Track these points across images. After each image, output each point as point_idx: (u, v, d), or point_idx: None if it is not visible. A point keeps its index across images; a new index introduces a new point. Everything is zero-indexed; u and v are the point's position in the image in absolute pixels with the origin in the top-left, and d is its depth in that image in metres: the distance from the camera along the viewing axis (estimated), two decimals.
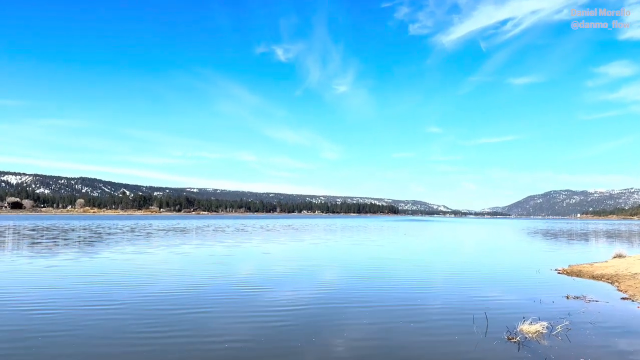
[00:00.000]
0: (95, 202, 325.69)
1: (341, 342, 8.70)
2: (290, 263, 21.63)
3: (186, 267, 19.01)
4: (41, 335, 8.53)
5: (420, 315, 11.10)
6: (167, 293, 12.88)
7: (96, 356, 7.39)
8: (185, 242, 34.73)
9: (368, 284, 15.63)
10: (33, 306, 10.98)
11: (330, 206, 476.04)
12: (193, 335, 8.79)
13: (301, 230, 60.88)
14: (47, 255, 23.71)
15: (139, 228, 61.56)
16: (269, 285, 14.92)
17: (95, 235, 42.47)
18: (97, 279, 15.30)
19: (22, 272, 16.92)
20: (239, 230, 57.81)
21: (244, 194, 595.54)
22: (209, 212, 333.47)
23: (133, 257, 23.06)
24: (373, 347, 8.47)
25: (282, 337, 8.90)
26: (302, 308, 11.51)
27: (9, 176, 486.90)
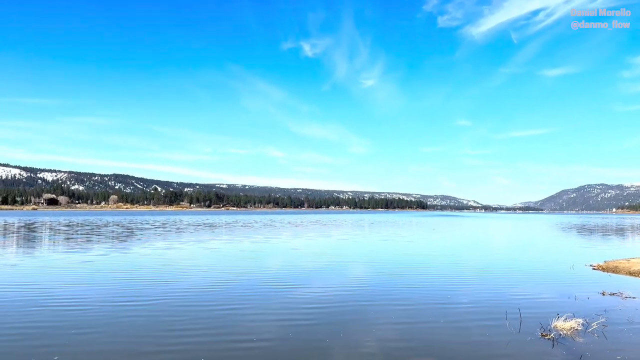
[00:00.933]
0: (128, 198, 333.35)
1: (370, 339, 8.62)
2: (319, 259, 21.64)
3: (215, 263, 19.23)
4: (71, 332, 8.70)
5: (451, 311, 10.93)
6: (197, 289, 12.98)
7: (125, 353, 7.47)
8: (214, 238, 35.18)
9: (397, 280, 15.49)
10: (64, 302, 11.20)
11: (358, 201, 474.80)
12: (222, 332, 8.86)
13: (329, 226, 60.91)
14: (80, 250, 24.36)
15: (169, 224, 62.69)
16: (297, 282, 14.94)
17: (127, 231, 43.45)
18: (127, 274, 15.56)
19: (56, 268, 17.39)
20: (267, 226, 58.24)
21: (272, 189, 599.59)
22: (237, 207, 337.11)
23: (163, 253, 23.48)
24: (402, 343, 8.36)
25: (310, 333, 8.87)
26: (330, 304, 11.47)
27: (45, 173, 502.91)
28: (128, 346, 7.84)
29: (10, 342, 8.03)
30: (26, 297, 11.69)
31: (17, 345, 7.84)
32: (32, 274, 15.66)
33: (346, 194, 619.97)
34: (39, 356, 7.28)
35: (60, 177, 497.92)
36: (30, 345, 7.86)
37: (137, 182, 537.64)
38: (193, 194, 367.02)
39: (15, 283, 13.83)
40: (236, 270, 16.85)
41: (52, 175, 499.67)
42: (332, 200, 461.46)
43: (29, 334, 8.47)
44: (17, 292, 12.35)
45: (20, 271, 16.47)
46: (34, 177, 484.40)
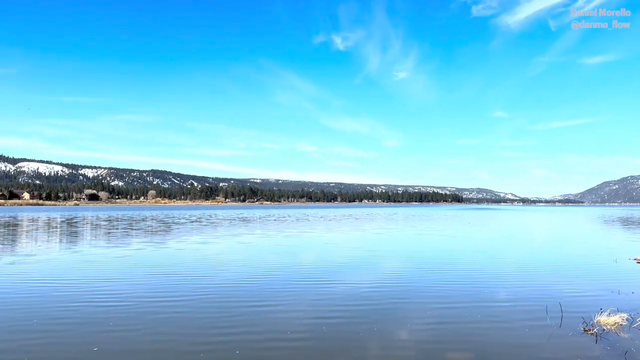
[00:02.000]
0: (165, 193, 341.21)
1: (405, 333, 8.52)
2: (353, 253, 21.58)
3: (250, 258, 19.40)
4: (108, 328, 8.91)
5: (488, 306, 10.68)
6: (231, 284, 13.06)
7: (161, 349, 7.56)
8: (248, 232, 35.58)
9: (432, 275, 15.27)
10: (102, 298, 11.43)
11: (391, 195, 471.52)
12: (256, 327, 8.91)
13: (362, 220, 60.71)
14: (118, 245, 25.05)
15: (205, 218, 63.81)
16: (331, 276, 14.92)
17: (164, 226, 44.46)
18: (162, 269, 15.75)
19: (94, 263, 17.89)
20: (301, 220, 58.51)
21: (305, 183, 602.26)
22: (271, 202, 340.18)
23: (199, 247, 23.88)
24: (438, 338, 8.23)
25: (344, 327, 8.83)
26: (364, 299, 11.40)
27: (86, 170, 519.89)
28: (159, 345, 7.97)
29: (48, 336, 8.31)
30: (65, 292, 12.07)
31: (55, 340, 8.11)
32: (70, 269, 16.18)
33: (379, 188, 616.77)
34: (78, 347, 7.52)
35: (100, 173, 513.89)
36: (68, 339, 8.11)
37: (174, 177, 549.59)
38: (228, 188, 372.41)
39: (54, 278, 14.30)
40: (270, 265, 16.96)
41: (93, 172, 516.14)
42: (365, 194, 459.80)
43: (67, 329, 8.74)
44: (55, 287, 12.76)
45: (58, 265, 17.05)
46: (75, 174, 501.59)
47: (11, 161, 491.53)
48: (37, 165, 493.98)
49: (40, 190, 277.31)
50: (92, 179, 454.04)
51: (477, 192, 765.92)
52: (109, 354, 7.20)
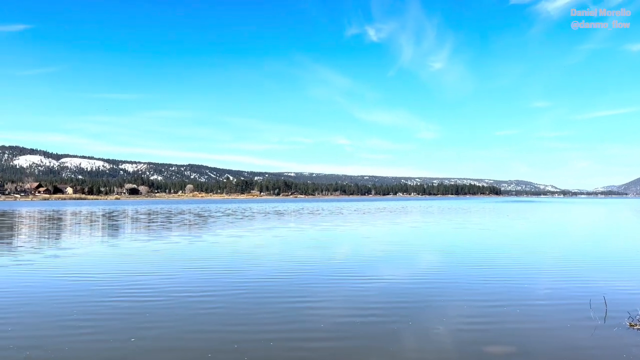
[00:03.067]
0: (202, 187, 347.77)
1: (441, 327, 8.33)
2: (388, 247, 21.39)
3: (284, 252, 19.47)
4: (141, 322, 9.05)
5: (528, 300, 10.37)
6: (265, 279, 13.01)
7: (193, 345, 7.58)
8: (283, 225, 35.79)
9: (469, 268, 14.93)
10: (135, 293, 11.61)
11: (426, 188, 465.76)
12: (291, 322, 8.89)
13: (397, 213, 60.18)
14: (155, 238, 25.61)
15: (240, 211, 64.60)
16: (365, 270, 14.80)
17: (201, 219, 45.24)
18: (198, 263, 15.85)
19: (130, 257, 18.32)
20: (335, 214, 58.48)
21: (339, 177, 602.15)
22: (305, 195, 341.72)
23: (234, 241, 24.16)
24: (476, 332, 8.02)
25: (379, 321, 8.72)
26: (399, 292, 11.23)
27: (126, 165, 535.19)
28: (198, 336, 8.06)
29: (88, 327, 8.53)
30: (103, 286, 12.38)
31: (94, 330, 8.31)
32: (109, 263, 16.61)
33: (414, 180, 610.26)
34: (116, 337, 7.70)
35: (140, 168, 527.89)
36: (107, 330, 8.30)
37: (210, 171, 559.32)
38: (263, 182, 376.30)
39: (93, 272, 14.66)
40: (304, 259, 16.95)
41: (133, 167, 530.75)
42: (399, 187, 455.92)
43: (105, 321, 8.95)
44: (93, 281, 13.09)
45: (97, 260, 17.58)
46: (116, 169, 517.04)
47: (55, 157, 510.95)
48: (80, 161, 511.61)
49: (83, 185, 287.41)
50: (132, 174, 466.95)
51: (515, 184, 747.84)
52: (145, 345, 7.32)
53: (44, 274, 13.74)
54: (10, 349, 7.05)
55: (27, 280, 12.66)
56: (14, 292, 11.19)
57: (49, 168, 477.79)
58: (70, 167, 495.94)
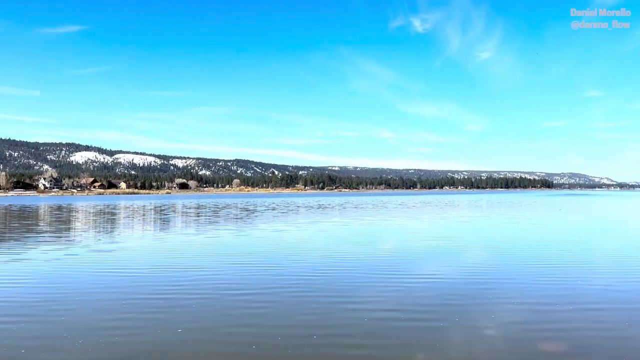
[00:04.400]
0: (248, 181, 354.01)
1: (490, 324, 7.99)
2: (434, 242, 20.87)
3: (328, 247, 19.30)
4: (187, 315, 9.15)
5: (582, 297, 9.82)
6: (309, 276, 12.80)
7: (236, 339, 7.56)
8: (327, 220, 35.70)
9: (520, 264, 14.29)
10: (181, 287, 11.75)
11: (474, 181, 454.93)
12: (334, 321, 8.72)
13: (444, 207, 58.94)
14: (201, 232, 26.06)
15: (285, 205, 65.10)
16: (411, 264, 14.51)
17: (246, 213, 45.85)
18: (241, 258, 15.85)
19: (177, 251, 18.69)
20: (379, 207, 57.92)
21: (384, 170, 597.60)
22: (349, 189, 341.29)
23: (278, 235, 24.24)
24: (527, 329, 7.67)
25: (425, 316, 8.44)
26: (446, 288, 10.86)
27: (176, 160, 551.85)
28: (241, 332, 8.03)
29: (136, 318, 8.67)
30: (150, 280, 12.65)
31: (142, 322, 8.43)
32: (157, 257, 16.97)
33: (461, 174, 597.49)
34: (164, 327, 7.75)
35: (189, 163, 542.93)
36: (154, 321, 8.40)
37: (256, 166, 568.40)
38: (307, 176, 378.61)
39: (141, 266, 15.01)
40: (348, 255, 16.72)
41: (183, 162, 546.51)
42: (446, 181, 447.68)
43: (153, 313, 9.09)
44: (140, 275, 13.37)
45: (146, 254, 18.02)
46: (167, 164, 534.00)
47: (109, 153, 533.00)
48: (132, 157, 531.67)
49: (136, 180, 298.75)
50: (182, 169, 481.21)
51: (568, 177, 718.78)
52: (192, 336, 7.40)
53: (94, 267, 14.18)
54: (65, 338, 7.26)
55: (77, 273, 13.12)
56: (65, 285, 11.58)
57: (103, 164, 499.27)
58: (123, 163, 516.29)
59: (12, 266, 14.06)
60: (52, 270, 13.47)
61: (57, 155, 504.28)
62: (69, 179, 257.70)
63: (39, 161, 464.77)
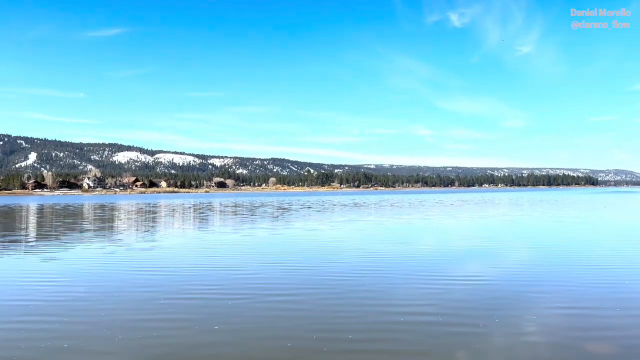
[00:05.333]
0: (284, 180, 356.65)
1: (531, 325, 7.73)
2: (474, 242, 20.38)
3: (363, 247, 19.04)
4: (223, 313, 9.20)
5: (630, 300, 9.34)
6: (344, 277, 12.43)
7: (272, 340, 7.51)
8: (362, 218, 35.47)
9: (564, 264, 13.71)
10: (216, 286, 11.83)
11: (515, 178, 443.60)
12: (370, 325, 8.57)
13: (483, 205, 57.62)
14: (238, 231, 26.31)
15: (320, 204, 65.15)
16: (449, 263, 14.19)
17: (282, 212, 46.11)
18: (276, 258, 15.70)
19: (212, 249, 18.88)
20: (416, 206, 57.16)
21: (420, 168, 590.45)
22: (385, 187, 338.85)
23: (313, 234, 24.21)
24: (569, 331, 7.38)
25: (463, 317, 8.22)
26: (484, 288, 10.53)
27: (214, 159, 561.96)
28: (276, 334, 7.99)
29: (172, 313, 8.77)
30: (185, 279, 12.78)
31: (178, 318, 8.52)
32: (192, 255, 17.20)
33: (501, 171, 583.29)
34: (200, 325, 7.81)
35: (226, 162, 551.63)
36: (190, 318, 8.47)
37: (292, 165, 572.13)
38: (342, 175, 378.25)
39: (172, 265, 15.17)
40: (385, 255, 16.47)
41: (220, 161, 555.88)
42: (485, 178, 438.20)
43: (189, 311, 9.17)
44: (172, 275, 13.51)
45: (182, 252, 18.32)
46: (205, 163, 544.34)
47: (150, 153, 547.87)
48: (172, 156, 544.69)
49: (176, 179, 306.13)
50: (220, 168, 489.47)
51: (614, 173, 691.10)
52: (229, 333, 7.48)
53: (131, 265, 14.49)
54: (104, 336, 7.43)
55: (115, 272, 13.45)
56: (104, 283, 11.87)
57: (144, 163, 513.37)
58: (163, 162, 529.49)
59: (52, 265, 14.51)
60: (92, 268, 13.84)
61: (101, 155, 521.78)
62: (112, 178, 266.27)
63: (83, 161, 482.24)
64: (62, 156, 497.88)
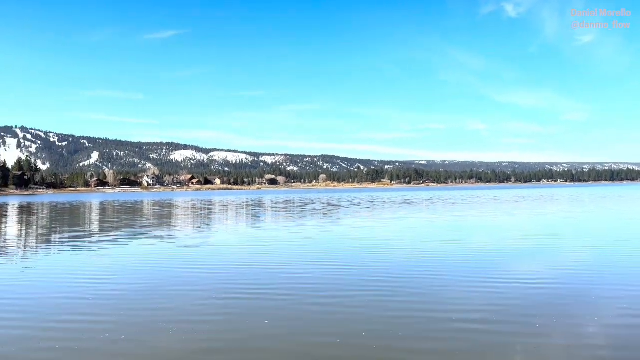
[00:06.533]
0: (334, 177, 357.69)
1: (593, 329, 7.33)
2: (530, 238, 19.64)
3: (414, 245, 18.44)
4: (273, 308, 9.27)
5: None
6: (394, 278, 12.07)
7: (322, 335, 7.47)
8: (413, 215, 34.93)
9: (629, 264, 12.93)
10: (260, 287, 11.94)
11: (575, 174, 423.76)
12: (421, 326, 8.41)
13: (541, 201, 55.32)
14: (287, 228, 26.52)
15: (371, 200, 64.71)
16: (503, 262, 13.75)
17: (331, 208, 46.17)
18: (325, 256, 15.64)
19: (260, 247, 19.12)
20: (470, 202, 55.66)
21: (474, 164, 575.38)
22: (437, 183, 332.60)
23: (361, 232, 24.10)
24: (632, 336, 6.99)
25: (519, 316, 7.93)
26: (541, 287, 10.12)
27: (265, 157, 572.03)
28: (326, 331, 7.96)
29: (227, 306, 8.94)
30: (233, 276, 12.99)
31: (230, 312, 8.67)
32: (237, 253, 17.56)
33: (560, 166, 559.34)
34: (251, 319, 7.92)
35: (277, 159, 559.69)
36: (241, 313, 8.61)
37: (342, 161, 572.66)
38: (393, 171, 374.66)
39: (219, 262, 15.51)
40: (436, 254, 15.95)
41: (271, 159, 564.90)
42: (543, 174, 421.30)
43: (240, 305, 9.33)
44: (219, 273, 13.74)
45: (227, 249, 18.69)
46: (257, 161, 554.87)
47: (204, 151, 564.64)
48: (226, 154, 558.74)
49: (229, 176, 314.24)
50: (271, 165, 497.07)
51: None
52: (279, 328, 7.55)
53: (182, 262, 14.91)
54: (160, 329, 7.69)
55: (167, 268, 13.87)
56: (157, 279, 12.32)
57: (199, 161, 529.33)
58: (217, 160, 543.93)
59: (106, 260, 15.04)
60: (144, 265, 14.32)
61: (159, 154, 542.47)
62: (169, 176, 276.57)
63: (142, 160, 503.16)
64: (123, 155, 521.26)
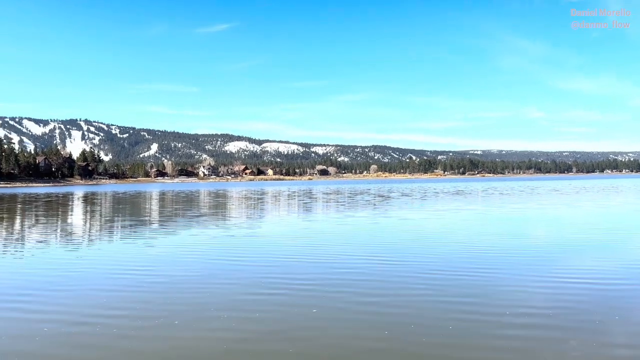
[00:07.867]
0: (386, 167, 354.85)
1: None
2: (592, 231, 18.66)
3: (467, 239, 17.60)
4: (313, 312, 9.24)
5: None
6: (445, 275, 11.33)
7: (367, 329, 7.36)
8: (467, 207, 34.06)
9: None
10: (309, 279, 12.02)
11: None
12: (473, 324, 8.18)
13: (605, 193, 52.47)
14: (336, 219, 26.55)
15: (422, 191, 63.68)
16: (561, 255, 13.20)
17: (381, 199, 45.81)
18: (372, 250, 15.57)
19: (306, 239, 19.17)
20: (528, 194, 53.59)
21: (533, 153, 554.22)
22: (493, 174, 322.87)
23: (412, 223, 23.79)
24: None
25: (577, 312, 7.64)
26: (601, 283, 9.64)
27: (317, 147, 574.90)
28: (373, 325, 7.88)
29: (277, 294, 9.06)
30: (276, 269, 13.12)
31: (278, 301, 8.77)
32: (282, 244, 17.68)
33: (626, 156, 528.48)
34: (300, 308, 8.00)
35: (328, 150, 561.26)
36: (290, 302, 8.71)
37: (393, 152, 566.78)
38: (446, 161, 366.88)
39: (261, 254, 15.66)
40: (491, 249, 15.30)
41: (322, 149, 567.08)
42: (607, 164, 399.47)
43: (289, 295, 9.47)
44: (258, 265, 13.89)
45: (273, 240, 18.93)
46: (308, 152, 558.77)
47: (257, 142, 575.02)
48: (278, 145, 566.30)
49: (281, 167, 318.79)
50: (322, 156, 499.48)
51: None
52: (325, 320, 7.57)
53: (231, 252, 15.25)
54: (210, 315, 7.89)
55: (216, 258, 14.22)
56: (206, 269, 12.66)
57: (252, 152, 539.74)
58: (270, 151, 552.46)
59: (156, 250, 15.47)
60: (193, 255, 14.57)
61: (214, 145, 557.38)
62: (224, 167, 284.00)
63: (198, 151, 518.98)
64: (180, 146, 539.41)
